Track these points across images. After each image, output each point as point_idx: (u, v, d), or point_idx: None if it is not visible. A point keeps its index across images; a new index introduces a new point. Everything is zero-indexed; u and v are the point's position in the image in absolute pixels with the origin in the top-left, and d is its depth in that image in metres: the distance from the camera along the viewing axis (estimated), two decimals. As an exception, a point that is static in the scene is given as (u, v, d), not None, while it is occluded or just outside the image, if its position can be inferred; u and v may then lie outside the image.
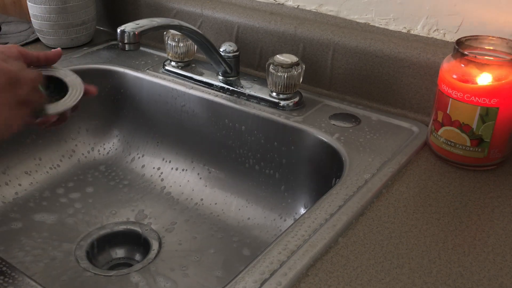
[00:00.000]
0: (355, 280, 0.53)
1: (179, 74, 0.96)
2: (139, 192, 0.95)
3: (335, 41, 0.86)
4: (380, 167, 0.70)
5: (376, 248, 0.57)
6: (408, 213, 0.62)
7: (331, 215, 0.61)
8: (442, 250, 0.57)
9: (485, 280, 0.53)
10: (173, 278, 0.77)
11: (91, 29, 1.11)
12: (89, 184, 0.96)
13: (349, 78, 0.87)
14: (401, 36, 0.84)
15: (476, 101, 0.66)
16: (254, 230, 0.85)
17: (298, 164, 0.83)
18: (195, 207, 0.91)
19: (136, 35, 0.76)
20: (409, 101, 0.83)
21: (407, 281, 0.53)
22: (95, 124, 1.03)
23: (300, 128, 0.81)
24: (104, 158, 1.02)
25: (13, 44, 0.68)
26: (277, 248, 0.56)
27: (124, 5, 1.13)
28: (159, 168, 0.98)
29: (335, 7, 0.91)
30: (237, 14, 0.96)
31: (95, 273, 0.78)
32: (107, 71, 1.01)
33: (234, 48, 0.91)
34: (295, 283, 0.52)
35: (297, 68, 0.83)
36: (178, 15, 1.04)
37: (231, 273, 0.77)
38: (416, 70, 0.80)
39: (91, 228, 0.87)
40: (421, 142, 0.76)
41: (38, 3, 1.04)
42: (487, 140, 0.68)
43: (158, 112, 0.98)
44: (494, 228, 0.60)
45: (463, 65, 0.68)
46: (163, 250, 0.82)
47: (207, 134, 0.92)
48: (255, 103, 0.87)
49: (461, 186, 0.67)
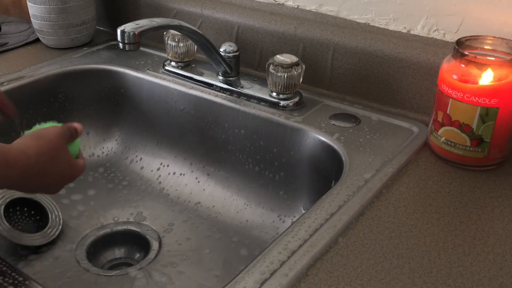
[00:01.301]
0: (355, 280, 0.53)
1: (179, 74, 0.96)
2: (139, 193, 0.95)
3: (335, 41, 0.86)
4: (380, 167, 0.70)
5: (376, 248, 0.57)
6: (408, 213, 0.62)
7: (331, 215, 0.61)
8: (442, 250, 0.57)
9: (485, 280, 0.53)
10: (173, 278, 0.77)
11: (91, 29, 1.11)
12: (89, 185, 0.96)
13: (349, 78, 0.87)
14: (401, 36, 0.84)
15: (476, 101, 0.66)
16: (253, 230, 0.85)
17: (298, 164, 0.83)
18: (195, 207, 0.91)
19: (136, 35, 0.76)
20: (409, 101, 0.83)
21: (407, 281, 0.53)
22: (95, 124, 1.03)
23: (300, 128, 0.81)
24: (104, 159, 1.02)
25: None
26: (277, 248, 0.56)
27: (124, 5, 1.13)
28: (159, 169, 0.98)
29: (335, 7, 0.91)
30: (237, 14, 0.96)
31: (95, 273, 0.78)
32: (107, 71, 1.01)
33: (234, 48, 0.91)
34: (295, 283, 0.52)
35: (297, 68, 0.83)
36: (178, 15, 1.04)
37: (231, 273, 0.77)
38: (416, 70, 0.80)
39: (91, 228, 0.87)
40: (421, 142, 0.76)
41: (38, 3, 1.04)
42: (487, 140, 0.68)
43: (158, 112, 0.98)
44: (494, 228, 0.60)
45: (463, 65, 0.68)
46: (163, 250, 0.82)
47: (207, 134, 0.92)
48: (255, 103, 0.87)
49: (461, 186, 0.67)
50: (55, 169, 0.62)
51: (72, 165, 0.64)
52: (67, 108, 1.01)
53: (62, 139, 0.64)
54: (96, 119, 1.03)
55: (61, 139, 0.63)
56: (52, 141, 0.62)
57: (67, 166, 0.63)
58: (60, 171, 0.62)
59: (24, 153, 0.58)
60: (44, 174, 0.60)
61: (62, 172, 0.63)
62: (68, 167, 0.64)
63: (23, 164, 0.58)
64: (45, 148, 0.60)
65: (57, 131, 0.63)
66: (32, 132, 0.64)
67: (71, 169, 0.64)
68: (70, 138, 0.66)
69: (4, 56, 1.07)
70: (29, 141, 0.61)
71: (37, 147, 0.60)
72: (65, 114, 1.00)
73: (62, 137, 0.64)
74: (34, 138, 0.61)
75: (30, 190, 0.63)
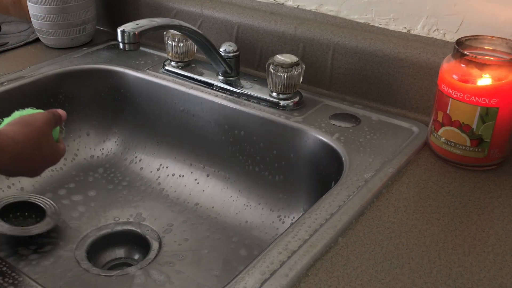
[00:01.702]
0: (355, 280, 0.53)
1: (179, 74, 0.96)
2: (139, 193, 0.95)
3: (335, 41, 0.86)
4: (380, 167, 0.70)
5: (376, 248, 0.57)
6: (408, 213, 0.62)
7: (331, 215, 0.61)
8: (442, 250, 0.57)
9: (485, 280, 0.53)
10: (172, 278, 0.77)
11: (91, 29, 1.11)
12: (89, 185, 0.96)
13: (349, 78, 0.87)
14: (401, 36, 0.84)
15: (476, 101, 0.66)
16: (253, 230, 0.85)
17: (298, 164, 0.83)
18: (195, 207, 0.91)
19: (136, 35, 0.76)
20: (409, 101, 0.83)
21: (407, 281, 0.53)
22: (95, 124, 1.03)
23: (300, 128, 0.81)
24: (104, 159, 1.02)
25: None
26: (278, 248, 0.56)
27: (124, 5, 1.13)
28: (159, 169, 0.98)
29: (335, 7, 0.91)
30: (237, 14, 0.96)
31: (96, 273, 0.78)
32: (107, 71, 1.01)
33: (234, 48, 0.91)
34: (295, 283, 0.52)
35: (297, 68, 0.83)
36: (178, 15, 1.04)
37: (230, 273, 0.77)
38: (416, 70, 0.80)
39: (91, 228, 0.87)
40: (421, 142, 0.76)
41: (38, 3, 1.03)
42: (487, 140, 0.68)
43: (158, 112, 0.98)
44: (494, 228, 0.60)
45: (463, 65, 0.68)
46: (163, 250, 0.82)
47: (207, 134, 0.92)
48: (255, 103, 0.87)
49: (461, 186, 0.67)
50: (40, 154, 0.66)
51: (55, 150, 0.69)
52: (67, 108, 1.00)
53: (49, 126, 0.68)
54: (96, 119, 1.03)
55: (47, 125, 0.68)
56: (39, 127, 0.66)
57: (51, 151, 0.68)
58: (44, 155, 0.67)
59: (13, 139, 0.62)
60: (31, 158, 0.65)
61: (46, 157, 0.68)
62: (51, 152, 0.68)
63: (12, 150, 0.62)
64: (33, 134, 0.65)
65: (44, 118, 0.68)
66: (19, 118, 0.67)
67: (54, 154, 0.69)
68: (55, 125, 0.70)
69: (4, 56, 1.07)
70: (18, 128, 0.64)
71: (25, 133, 0.64)
72: (65, 114, 1.00)
73: (48, 124, 0.68)
74: (23, 125, 0.65)
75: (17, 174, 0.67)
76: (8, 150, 0.61)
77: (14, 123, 0.66)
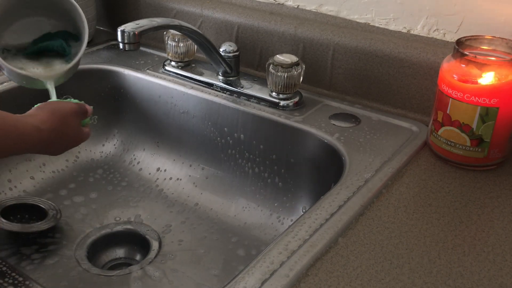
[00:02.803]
0: (355, 280, 0.53)
1: (179, 74, 0.96)
2: (138, 193, 0.95)
3: (335, 41, 0.86)
4: (380, 167, 0.70)
5: (376, 248, 0.57)
6: (408, 213, 0.62)
7: (331, 215, 0.61)
8: (442, 250, 0.57)
9: (485, 280, 0.53)
10: (173, 278, 0.77)
11: (91, 29, 1.11)
12: (89, 185, 0.96)
13: (349, 78, 0.87)
14: (401, 36, 0.84)
15: (476, 101, 0.66)
16: (252, 231, 0.85)
17: (298, 164, 0.83)
18: (194, 207, 0.91)
19: (136, 35, 0.76)
20: (409, 101, 0.83)
21: (407, 281, 0.53)
22: (95, 125, 1.03)
23: (300, 128, 0.81)
24: (104, 159, 1.02)
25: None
26: (278, 248, 0.56)
27: (124, 5, 1.13)
28: (159, 169, 0.98)
29: (335, 7, 0.91)
30: (237, 14, 0.96)
31: (96, 273, 0.78)
32: (107, 71, 1.01)
33: (234, 48, 0.91)
34: (295, 283, 0.52)
35: (297, 68, 0.83)
36: (178, 15, 1.04)
37: (230, 273, 0.77)
38: (416, 70, 0.80)
39: (91, 228, 0.87)
40: (421, 142, 0.76)
41: (38, 3, 1.03)
42: (487, 140, 0.68)
43: (158, 112, 0.98)
44: (494, 228, 0.60)
45: (463, 65, 0.68)
46: (163, 250, 0.82)
47: (207, 134, 0.92)
48: (255, 103, 0.87)
49: (461, 186, 0.67)
50: (62, 141, 0.70)
51: (78, 135, 0.72)
52: (67, 108, 1.01)
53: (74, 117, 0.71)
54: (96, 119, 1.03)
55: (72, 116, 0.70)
56: (64, 117, 0.68)
57: (74, 138, 0.72)
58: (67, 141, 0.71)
59: (38, 128, 0.64)
60: (52, 145, 0.68)
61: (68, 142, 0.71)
62: (74, 138, 0.72)
63: (35, 138, 0.64)
64: (57, 123, 0.67)
65: (70, 109, 0.70)
66: (48, 104, 0.70)
67: (77, 140, 0.72)
68: (83, 117, 0.73)
69: (4, 56, 1.06)
70: (45, 114, 0.67)
71: (50, 121, 0.66)
72: (65, 114, 1.00)
73: (73, 115, 0.70)
74: (49, 112, 0.67)
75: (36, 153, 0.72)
76: (32, 139, 0.64)
77: (42, 107, 0.69)
